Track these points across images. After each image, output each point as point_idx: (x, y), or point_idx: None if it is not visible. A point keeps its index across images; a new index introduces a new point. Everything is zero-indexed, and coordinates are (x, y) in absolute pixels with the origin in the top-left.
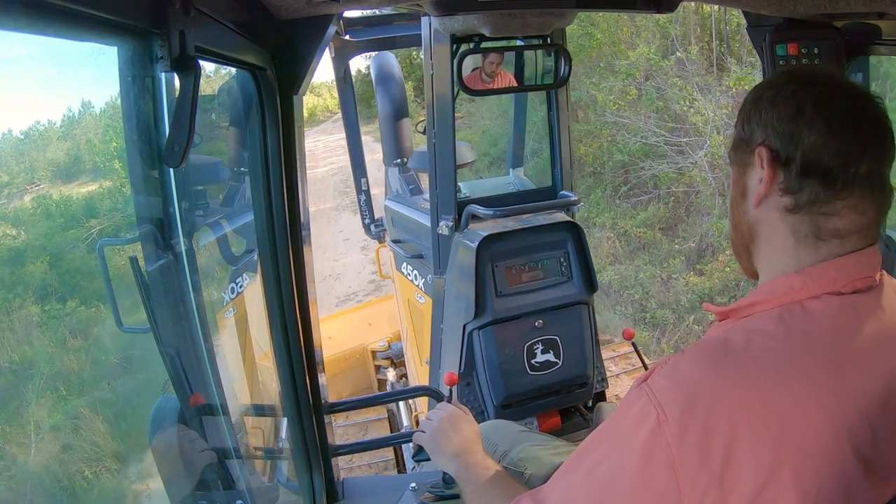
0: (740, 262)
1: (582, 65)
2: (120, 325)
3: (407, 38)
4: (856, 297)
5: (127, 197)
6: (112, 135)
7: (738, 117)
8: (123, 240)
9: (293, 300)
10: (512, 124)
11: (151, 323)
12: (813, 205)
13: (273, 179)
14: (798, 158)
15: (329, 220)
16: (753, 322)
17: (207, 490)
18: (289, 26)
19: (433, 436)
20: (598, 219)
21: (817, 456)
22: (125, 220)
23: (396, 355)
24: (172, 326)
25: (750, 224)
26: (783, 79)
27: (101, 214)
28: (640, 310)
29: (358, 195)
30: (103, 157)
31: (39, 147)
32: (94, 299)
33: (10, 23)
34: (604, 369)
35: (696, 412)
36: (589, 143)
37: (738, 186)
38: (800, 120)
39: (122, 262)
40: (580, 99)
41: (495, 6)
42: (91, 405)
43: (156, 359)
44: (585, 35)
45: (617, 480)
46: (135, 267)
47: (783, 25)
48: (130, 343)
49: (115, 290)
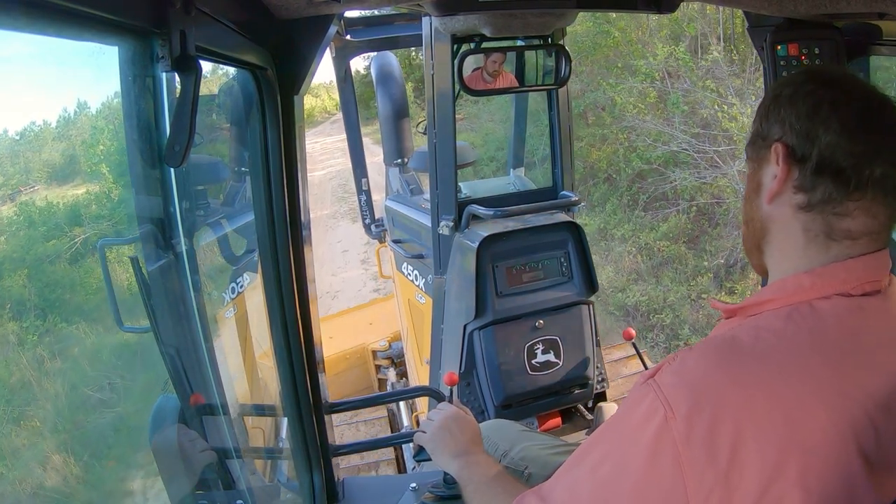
0: (750, 259)
1: (597, 64)
2: (120, 325)
3: (407, 38)
4: (864, 300)
5: (127, 197)
6: (112, 135)
7: (757, 113)
8: (123, 240)
9: (293, 300)
10: (512, 125)
11: (152, 323)
12: (826, 204)
13: (273, 179)
14: (814, 157)
15: (327, 229)
16: (762, 320)
17: (207, 490)
18: (289, 26)
19: (434, 436)
20: (616, 230)
21: (823, 455)
22: (125, 220)
23: (397, 355)
24: (173, 326)
25: (762, 220)
26: (802, 77)
27: (101, 214)
28: (672, 336)
29: (358, 195)
30: (103, 158)
31: (36, 147)
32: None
33: (10, 23)
34: (604, 369)
35: (703, 409)
36: (604, 148)
37: (752, 182)
38: (816, 119)
39: (122, 262)
40: (596, 101)
41: (496, 6)
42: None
43: (156, 359)
44: (602, 33)
45: (622, 477)
46: (135, 267)
47: (784, 26)
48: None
49: (115, 290)
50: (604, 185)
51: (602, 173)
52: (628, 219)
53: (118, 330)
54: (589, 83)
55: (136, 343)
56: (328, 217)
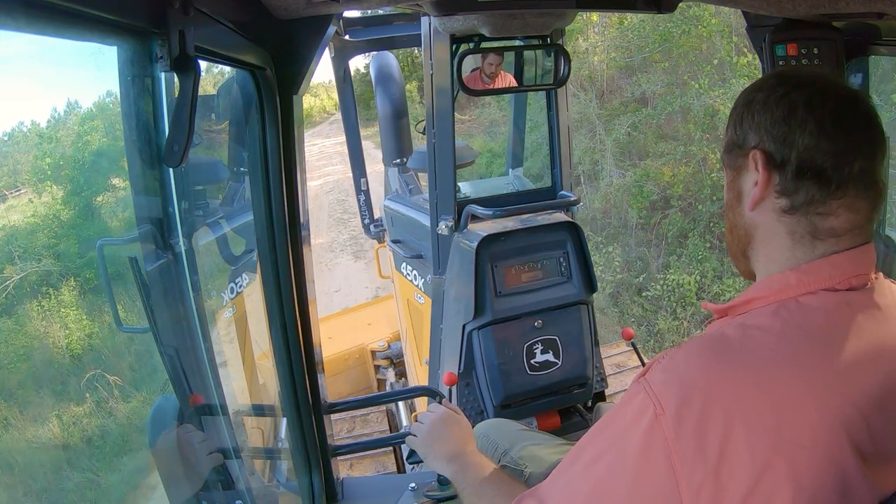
0: (738, 266)
1: (684, 59)
2: (119, 325)
3: (407, 38)
4: (850, 294)
5: (125, 197)
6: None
7: (730, 120)
8: (123, 240)
9: (293, 300)
10: (511, 125)
11: (151, 323)
12: (809, 206)
13: (273, 179)
14: (793, 160)
15: (322, 267)
16: (750, 318)
17: (207, 490)
18: (289, 26)
19: (425, 440)
20: (714, 287)
21: (813, 449)
22: (124, 220)
23: (396, 355)
24: (172, 326)
25: (746, 227)
26: (773, 81)
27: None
28: None
29: (357, 195)
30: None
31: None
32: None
33: (10, 23)
34: (603, 369)
35: (692, 405)
36: (680, 167)
37: (732, 190)
38: (792, 122)
39: (121, 262)
40: (684, 106)
41: (495, 6)
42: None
43: (155, 359)
44: (689, 19)
45: (617, 474)
46: (134, 267)
47: (783, 26)
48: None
49: (114, 290)
50: (679, 215)
51: (677, 200)
52: (727, 269)
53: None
54: (670, 85)
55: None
56: (324, 248)
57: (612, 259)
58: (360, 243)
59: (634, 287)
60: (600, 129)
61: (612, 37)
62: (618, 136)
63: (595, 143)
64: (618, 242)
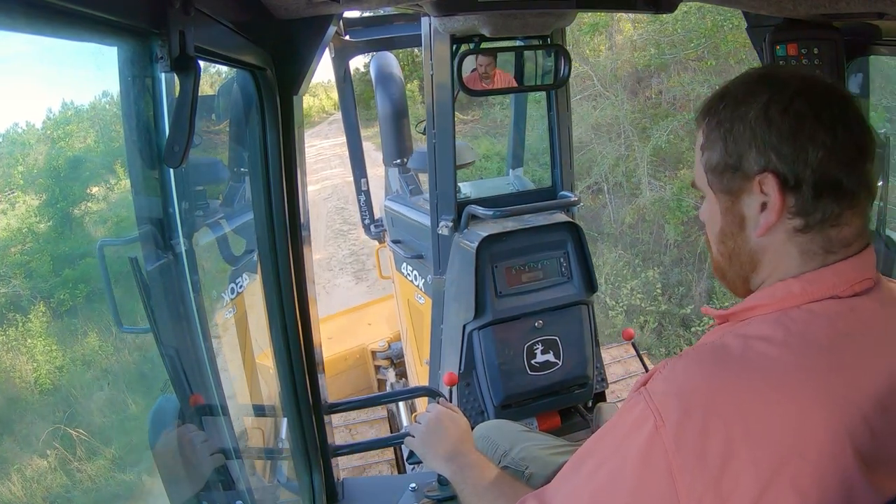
0: (735, 292)
1: (733, 58)
2: (120, 325)
3: (407, 39)
4: (855, 301)
5: (125, 197)
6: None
7: (711, 135)
8: (123, 240)
9: (293, 300)
10: (512, 125)
11: (151, 323)
12: (825, 221)
13: (273, 179)
14: (809, 179)
15: (319, 289)
16: (751, 326)
17: (207, 490)
18: (289, 26)
19: (423, 440)
20: None
21: (817, 458)
22: (124, 220)
23: (396, 355)
24: (172, 327)
25: (752, 253)
26: (761, 87)
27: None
28: None
29: (358, 195)
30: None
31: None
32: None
33: (10, 23)
34: (604, 370)
35: (693, 417)
36: None
37: (731, 216)
38: (801, 136)
39: (121, 262)
40: None
41: (495, 6)
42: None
43: (155, 359)
44: (735, 28)
45: (617, 484)
46: (135, 267)
47: (783, 26)
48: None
49: (114, 291)
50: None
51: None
52: None
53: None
54: (717, 87)
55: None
56: (322, 266)
57: (653, 286)
58: (361, 261)
59: (678, 319)
60: (633, 134)
61: (652, 30)
62: (657, 143)
63: (627, 150)
64: (652, 262)
